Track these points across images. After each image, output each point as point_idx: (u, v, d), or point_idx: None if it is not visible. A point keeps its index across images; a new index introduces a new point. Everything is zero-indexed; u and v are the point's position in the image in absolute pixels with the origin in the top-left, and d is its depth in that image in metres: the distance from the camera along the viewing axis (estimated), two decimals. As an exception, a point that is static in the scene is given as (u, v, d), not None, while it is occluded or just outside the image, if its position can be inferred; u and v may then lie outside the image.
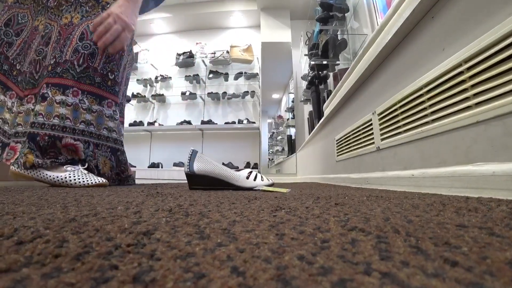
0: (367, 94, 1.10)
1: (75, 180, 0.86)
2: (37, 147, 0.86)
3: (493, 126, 0.48)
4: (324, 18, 2.13)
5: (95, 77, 0.92)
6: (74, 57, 0.90)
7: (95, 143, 0.92)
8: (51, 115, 0.87)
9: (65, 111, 0.88)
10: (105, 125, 0.95)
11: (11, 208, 0.33)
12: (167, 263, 0.14)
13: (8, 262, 0.14)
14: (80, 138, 0.89)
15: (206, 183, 0.83)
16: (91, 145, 0.91)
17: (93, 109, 0.92)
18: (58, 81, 0.89)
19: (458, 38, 0.58)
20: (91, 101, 0.91)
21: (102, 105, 0.94)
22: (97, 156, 0.93)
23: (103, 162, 0.95)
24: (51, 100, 0.88)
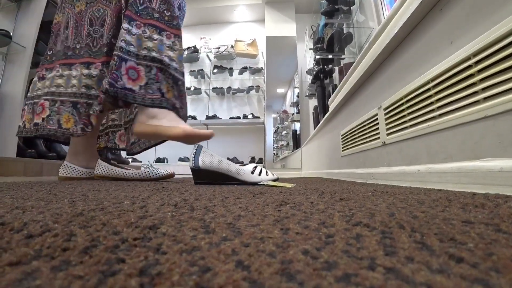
0: (373, 89, 1.09)
1: (149, 174, 1.05)
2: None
3: (502, 121, 0.47)
4: (330, 12, 2.10)
5: (153, 13, 0.99)
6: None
7: (158, 67, 0.95)
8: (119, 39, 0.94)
9: (130, 38, 0.94)
10: (165, 53, 0.98)
11: (20, 202, 0.33)
12: (173, 256, 0.14)
13: (18, 255, 0.14)
14: (142, 62, 0.94)
15: (211, 178, 0.83)
16: (154, 69, 0.94)
17: (154, 38, 0.97)
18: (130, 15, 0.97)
19: (466, 31, 0.57)
20: (151, 31, 0.97)
21: (162, 35, 0.99)
22: (160, 79, 0.95)
23: (167, 88, 0.96)
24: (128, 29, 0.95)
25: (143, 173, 1.05)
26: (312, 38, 2.76)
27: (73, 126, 1.01)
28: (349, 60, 2.07)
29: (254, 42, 3.73)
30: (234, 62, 3.82)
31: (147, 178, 1.05)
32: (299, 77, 3.56)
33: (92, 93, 1.04)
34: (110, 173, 1.04)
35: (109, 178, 1.04)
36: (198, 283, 0.11)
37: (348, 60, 2.12)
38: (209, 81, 3.82)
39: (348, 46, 2.08)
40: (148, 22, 0.98)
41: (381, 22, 1.18)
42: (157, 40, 0.97)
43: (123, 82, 0.90)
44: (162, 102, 0.93)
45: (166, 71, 0.96)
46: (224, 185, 0.79)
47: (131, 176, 1.04)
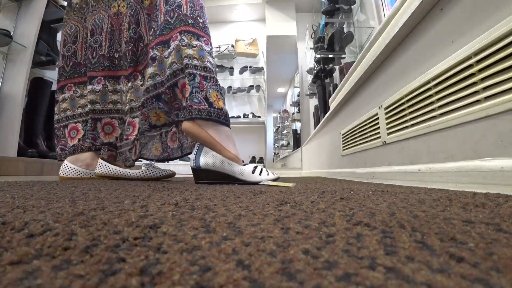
0: (374, 88, 1.09)
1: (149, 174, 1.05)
2: (163, 103, 0.94)
3: (503, 120, 0.47)
4: (330, 11, 2.10)
5: (187, 20, 0.94)
6: (167, 15, 0.95)
7: (201, 75, 0.88)
8: (165, 71, 0.93)
9: (171, 58, 0.91)
10: (207, 60, 0.91)
11: (21, 202, 0.33)
12: (173, 256, 0.14)
13: (19, 254, 0.14)
14: (186, 72, 0.89)
15: (212, 177, 0.83)
16: (197, 76, 0.87)
17: (193, 44, 0.91)
18: (159, 40, 0.94)
19: (467, 30, 0.57)
20: (189, 38, 0.91)
21: (200, 41, 0.93)
22: (206, 88, 0.86)
23: (215, 96, 0.88)
24: (160, 58, 0.94)
25: (144, 173, 1.05)
26: (313, 37, 2.75)
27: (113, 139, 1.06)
28: (350, 60, 2.07)
29: (254, 41, 3.73)
30: (234, 62, 3.82)
31: (147, 177, 1.05)
32: (299, 77, 3.56)
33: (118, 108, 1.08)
34: (111, 172, 1.04)
35: (109, 177, 1.04)
36: (198, 282, 0.11)
37: (349, 59, 2.11)
38: (209, 80, 3.81)
39: (348, 45, 2.08)
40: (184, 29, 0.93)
41: (381, 21, 1.18)
42: (196, 46, 0.91)
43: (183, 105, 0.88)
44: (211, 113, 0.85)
45: (212, 78, 0.90)
46: (224, 184, 0.79)
47: (131, 175, 1.05)
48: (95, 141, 1.06)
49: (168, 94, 0.91)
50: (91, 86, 1.08)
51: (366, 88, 1.18)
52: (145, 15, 1.04)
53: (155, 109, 0.94)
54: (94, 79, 1.09)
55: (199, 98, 0.84)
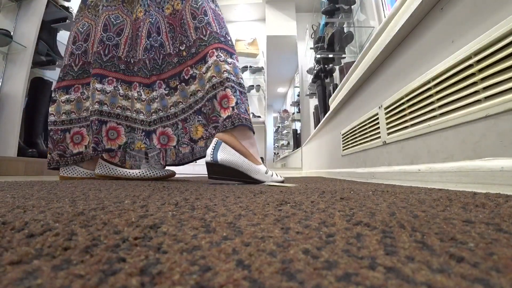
0: (374, 88, 1.09)
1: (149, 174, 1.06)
2: (202, 116, 0.96)
3: (503, 120, 0.47)
4: (330, 11, 2.10)
5: (219, 37, 0.98)
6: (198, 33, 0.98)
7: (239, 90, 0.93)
8: (204, 86, 0.95)
9: (210, 73, 0.93)
10: (241, 76, 0.97)
11: (21, 202, 0.33)
12: (173, 256, 0.14)
13: (19, 254, 0.14)
14: (228, 85, 0.92)
15: (227, 173, 0.84)
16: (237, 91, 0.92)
17: (229, 61, 0.95)
18: (197, 59, 0.97)
19: (467, 30, 0.57)
20: (225, 55, 0.95)
21: (233, 58, 0.98)
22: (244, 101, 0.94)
23: (249, 109, 0.95)
24: (200, 75, 0.96)
25: (144, 173, 1.05)
26: (313, 37, 2.75)
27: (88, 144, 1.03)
28: (350, 60, 2.07)
29: (254, 41, 3.73)
30: (234, 62, 3.81)
31: (147, 177, 1.05)
32: (299, 77, 3.56)
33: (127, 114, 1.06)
34: (111, 172, 1.04)
35: (109, 177, 1.04)
36: (198, 282, 0.11)
37: (349, 59, 2.11)
38: (209, 80, 3.81)
39: (348, 45, 2.08)
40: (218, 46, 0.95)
41: (381, 21, 1.18)
42: (231, 63, 0.94)
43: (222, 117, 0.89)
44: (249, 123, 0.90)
45: (245, 93, 0.96)
46: (224, 184, 0.79)
47: (131, 175, 1.05)
48: (97, 146, 1.02)
49: (207, 106, 0.93)
50: (101, 85, 1.04)
51: (366, 88, 1.18)
52: (166, 24, 1.04)
53: (196, 123, 0.96)
54: (105, 78, 1.05)
55: (244, 108, 0.91)
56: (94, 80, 1.04)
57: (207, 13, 0.98)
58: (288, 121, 4.49)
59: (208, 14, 0.98)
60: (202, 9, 0.98)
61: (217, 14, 1.03)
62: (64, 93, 1.10)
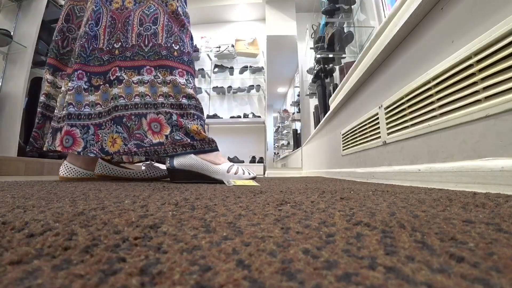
0: (374, 88, 1.09)
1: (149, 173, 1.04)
2: (124, 129, 0.88)
3: (503, 120, 0.47)
4: (330, 11, 2.10)
5: (161, 51, 0.92)
6: (140, 40, 0.92)
7: (178, 113, 0.88)
8: (132, 95, 0.89)
9: (143, 89, 0.89)
10: (183, 93, 0.90)
11: (21, 202, 0.33)
12: (173, 256, 0.14)
13: (19, 254, 0.14)
14: (161, 111, 0.88)
15: (187, 177, 0.84)
16: (174, 115, 0.87)
17: (167, 80, 0.90)
18: (129, 64, 0.91)
19: (468, 30, 0.57)
20: (163, 74, 0.90)
21: (174, 74, 0.91)
22: (184, 125, 0.87)
23: (196, 129, 0.87)
24: (128, 82, 0.90)
25: (144, 173, 1.05)
26: (313, 37, 2.75)
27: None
28: (350, 59, 2.07)
29: (254, 41, 3.73)
30: (234, 61, 3.82)
31: (147, 177, 1.05)
32: (299, 76, 3.56)
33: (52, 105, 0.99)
34: (111, 172, 1.04)
35: (109, 177, 1.04)
36: (198, 282, 0.11)
37: (349, 59, 2.11)
38: (209, 80, 3.82)
39: (348, 45, 2.08)
40: (159, 64, 0.90)
41: (382, 21, 1.18)
42: (170, 82, 0.89)
43: (149, 139, 0.86)
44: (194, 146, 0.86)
45: (188, 114, 0.89)
46: (224, 184, 0.79)
47: (131, 175, 1.05)
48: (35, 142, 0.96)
49: (133, 121, 0.87)
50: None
51: (366, 88, 1.18)
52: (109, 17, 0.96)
53: (113, 133, 0.88)
54: None
55: (180, 135, 0.85)
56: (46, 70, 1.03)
57: (157, 21, 0.93)
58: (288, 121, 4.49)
59: (158, 22, 0.93)
60: (152, 16, 0.93)
61: (173, 17, 0.96)
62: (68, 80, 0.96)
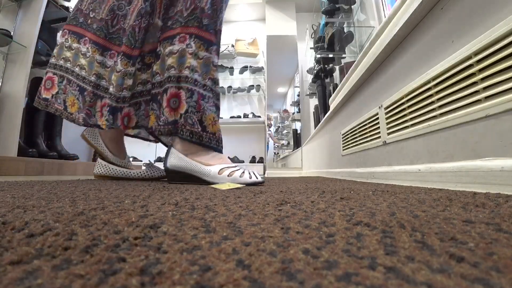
0: (374, 88, 1.09)
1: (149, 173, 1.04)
2: (157, 106, 0.86)
3: (503, 120, 0.47)
4: (330, 11, 2.10)
5: (202, 19, 0.83)
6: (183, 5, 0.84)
7: (200, 93, 0.81)
8: (164, 71, 0.84)
9: (171, 60, 0.82)
10: (210, 75, 0.83)
11: (21, 202, 0.33)
12: (173, 256, 0.14)
13: (19, 254, 0.14)
14: (183, 86, 0.80)
15: (180, 178, 0.84)
16: (195, 94, 0.80)
17: (200, 55, 0.82)
18: (167, 35, 0.85)
19: (468, 30, 0.57)
20: (198, 46, 0.82)
21: (210, 51, 0.84)
22: (202, 109, 0.80)
23: (212, 119, 0.82)
24: (163, 56, 0.85)
25: (144, 173, 1.05)
26: (313, 37, 2.75)
27: (75, 112, 0.90)
28: (350, 59, 2.07)
29: (254, 41, 3.73)
30: (234, 61, 3.82)
31: (148, 177, 1.05)
32: (299, 76, 3.56)
33: (102, 84, 0.92)
34: (111, 172, 1.04)
35: (109, 177, 1.04)
36: (198, 282, 0.11)
37: (349, 59, 2.11)
38: (209, 80, 3.80)
39: (348, 45, 2.08)
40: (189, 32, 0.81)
41: (382, 21, 1.18)
42: (202, 58, 0.81)
43: (165, 117, 0.80)
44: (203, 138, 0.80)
45: (209, 97, 0.82)
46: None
47: (131, 175, 1.05)
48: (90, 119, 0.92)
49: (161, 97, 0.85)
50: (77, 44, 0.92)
51: (366, 88, 1.18)
52: None
53: (150, 110, 0.87)
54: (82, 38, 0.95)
55: (193, 119, 0.80)
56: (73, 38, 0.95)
57: None
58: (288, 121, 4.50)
59: None
60: None
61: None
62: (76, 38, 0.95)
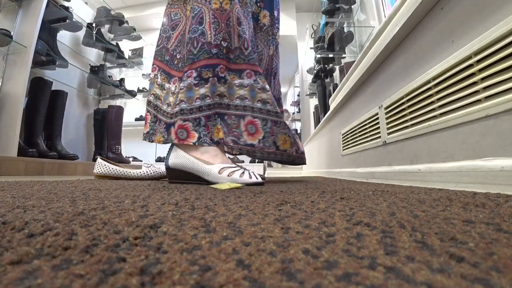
0: (374, 88, 1.09)
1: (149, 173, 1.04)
2: (225, 124, 0.92)
3: (503, 120, 0.47)
4: (330, 11, 2.10)
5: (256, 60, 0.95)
6: (240, 42, 0.94)
7: (273, 121, 0.90)
8: (234, 97, 0.92)
9: (244, 92, 0.92)
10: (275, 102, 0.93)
11: (21, 202, 0.33)
12: (173, 255, 0.14)
13: (19, 254, 0.14)
14: (259, 116, 0.90)
15: (181, 177, 0.83)
16: (269, 122, 0.90)
17: (266, 88, 0.92)
18: (234, 67, 0.94)
19: (468, 30, 0.57)
20: (262, 81, 0.92)
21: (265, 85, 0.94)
22: (275, 133, 0.90)
23: (283, 139, 0.91)
24: (230, 83, 0.93)
25: (144, 173, 1.05)
26: (313, 37, 2.75)
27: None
28: (350, 59, 2.07)
29: (254, 41, 3.72)
30: (234, 61, 3.81)
31: (147, 177, 1.05)
32: (299, 76, 3.56)
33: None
34: (111, 172, 1.04)
35: (109, 177, 1.04)
36: (198, 282, 0.11)
37: (349, 59, 2.11)
38: (209, 80, 3.80)
39: (348, 45, 2.08)
40: None
41: (382, 21, 1.18)
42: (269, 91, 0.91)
43: (244, 139, 0.89)
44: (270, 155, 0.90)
45: (281, 122, 0.91)
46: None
47: (131, 175, 1.05)
48: None
49: (232, 120, 0.93)
50: None
51: (366, 88, 1.18)
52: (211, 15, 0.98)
53: (217, 124, 0.93)
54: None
55: (269, 142, 0.90)
56: None
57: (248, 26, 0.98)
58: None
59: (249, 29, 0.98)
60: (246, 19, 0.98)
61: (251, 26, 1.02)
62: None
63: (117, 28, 2.80)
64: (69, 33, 2.26)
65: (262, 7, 1.14)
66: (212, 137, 0.91)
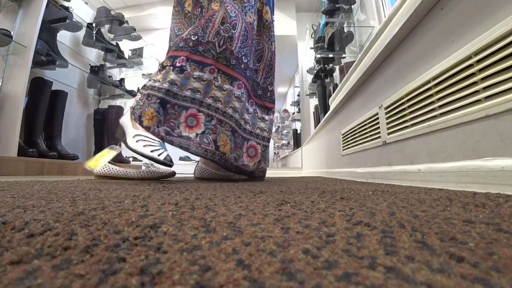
0: (374, 88, 1.09)
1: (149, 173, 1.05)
2: (163, 113, 0.93)
3: (503, 120, 0.47)
4: (330, 11, 2.10)
5: (230, 59, 0.98)
6: (216, 38, 0.97)
7: (219, 118, 0.95)
8: (186, 87, 0.94)
9: (198, 85, 0.94)
10: (231, 105, 0.97)
11: (21, 202, 0.33)
12: (173, 255, 0.14)
13: (20, 254, 0.14)
14: (204, 111, 0.93)
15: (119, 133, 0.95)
16: (214, 119, 0.94)
17: (266, 118, 1.06)
18: (199, 59, 0.96)
19: (468, 30, 0.57)
20: (261, 111, 1.05)
21: (269, 114, 1.10)
22: (218, 132, 0.94)
23: (224, 141, 0.95)
24: (188, 74, 0.95)
25: (144, 172, 1.05)
26: (313, 37, 2.75)
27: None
28: (350, 59, 2.07)
29: (254, 41, 3.72)
30: (234, 61, 3.81)
31: (147, 177, 1.05)
32: (299, 76, 3.56)
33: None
34: (111, 172, 1.04)
35: (109, 177, 1.04)
36: (198, 282, 0.11)
37: (349, 59, 2.11)
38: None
39: (348, 45, 2.08)
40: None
41: (382, 21, 1.18)
42: (226, 90, 0.96)
43: (243, 159, 0.98)
44: (215, 156, 0.93)
45: (226, 123, 0.96)
46: (224, 183, 0.79)
47: (131, 175, 1.05)
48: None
49: (240, 140, 1.02)
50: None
51: (366, 88, 1.18)
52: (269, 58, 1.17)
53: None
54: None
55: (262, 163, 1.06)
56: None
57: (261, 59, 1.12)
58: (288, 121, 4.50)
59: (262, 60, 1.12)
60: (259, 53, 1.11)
61: (274, 58, 1.19)
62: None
63: (117, 28, 2.80)
64: (69, 33, 2.26)
65: (264, 3, 1.17)
66: (216, 140, 0.94)
